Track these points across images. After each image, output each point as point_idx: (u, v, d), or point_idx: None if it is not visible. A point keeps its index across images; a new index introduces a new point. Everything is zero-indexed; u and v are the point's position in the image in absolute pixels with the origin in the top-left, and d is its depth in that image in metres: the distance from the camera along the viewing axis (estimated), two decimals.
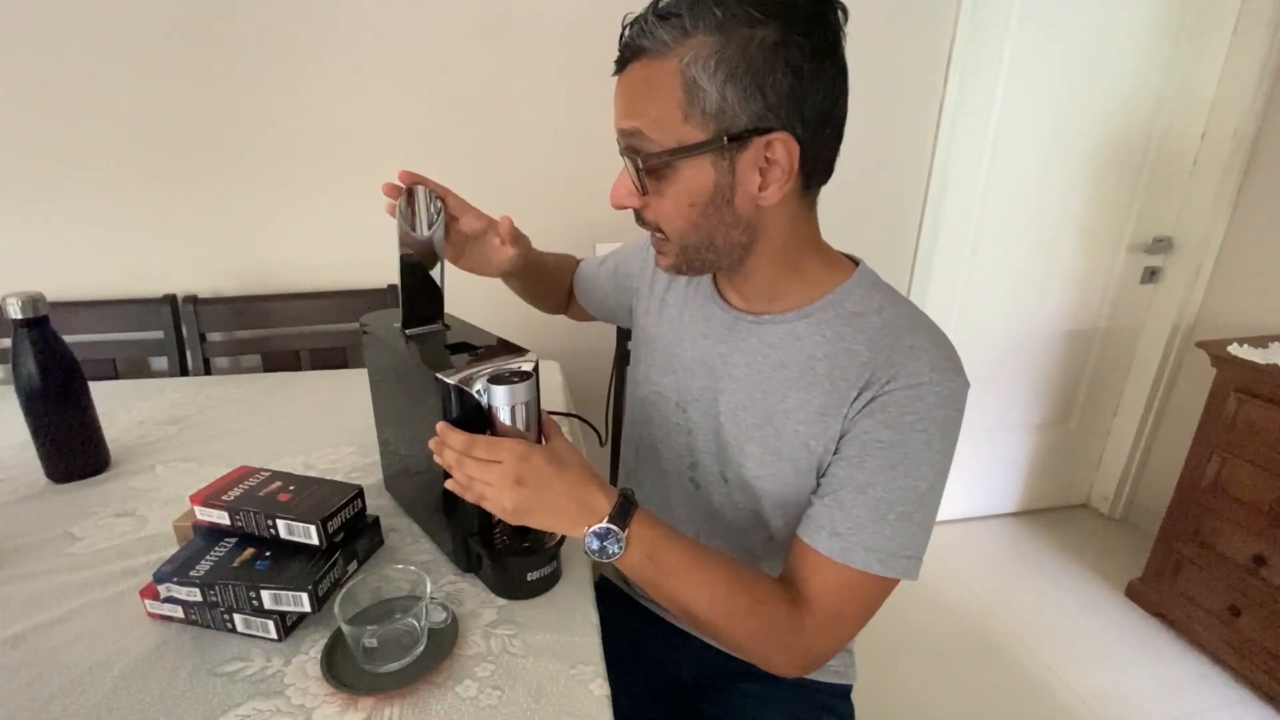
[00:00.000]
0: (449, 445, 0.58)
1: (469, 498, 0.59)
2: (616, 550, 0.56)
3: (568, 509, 0.57)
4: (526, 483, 0.56)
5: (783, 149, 0.53)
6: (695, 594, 0.58)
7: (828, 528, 0.58)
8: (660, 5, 0.53)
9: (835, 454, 0.61)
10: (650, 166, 0.56)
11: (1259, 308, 1.66)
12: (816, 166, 0.57)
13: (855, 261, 0.67)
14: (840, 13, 0.53)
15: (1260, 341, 1.45)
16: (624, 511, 0.57)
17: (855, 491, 0.58)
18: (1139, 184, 1.78)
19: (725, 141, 0.53)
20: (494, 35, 1.34)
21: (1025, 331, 1.88)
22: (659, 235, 0.62)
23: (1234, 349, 1.42)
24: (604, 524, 0.56)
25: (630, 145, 0.57)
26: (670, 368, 0.74)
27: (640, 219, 0.63)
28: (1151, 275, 1.87)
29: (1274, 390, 1.34)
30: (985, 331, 1.84)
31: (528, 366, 0.62)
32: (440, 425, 0.59)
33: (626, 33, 0.55)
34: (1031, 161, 1.69)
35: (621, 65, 0.57)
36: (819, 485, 0.63)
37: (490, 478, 0.56)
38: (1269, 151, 1.63)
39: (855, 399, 0.59)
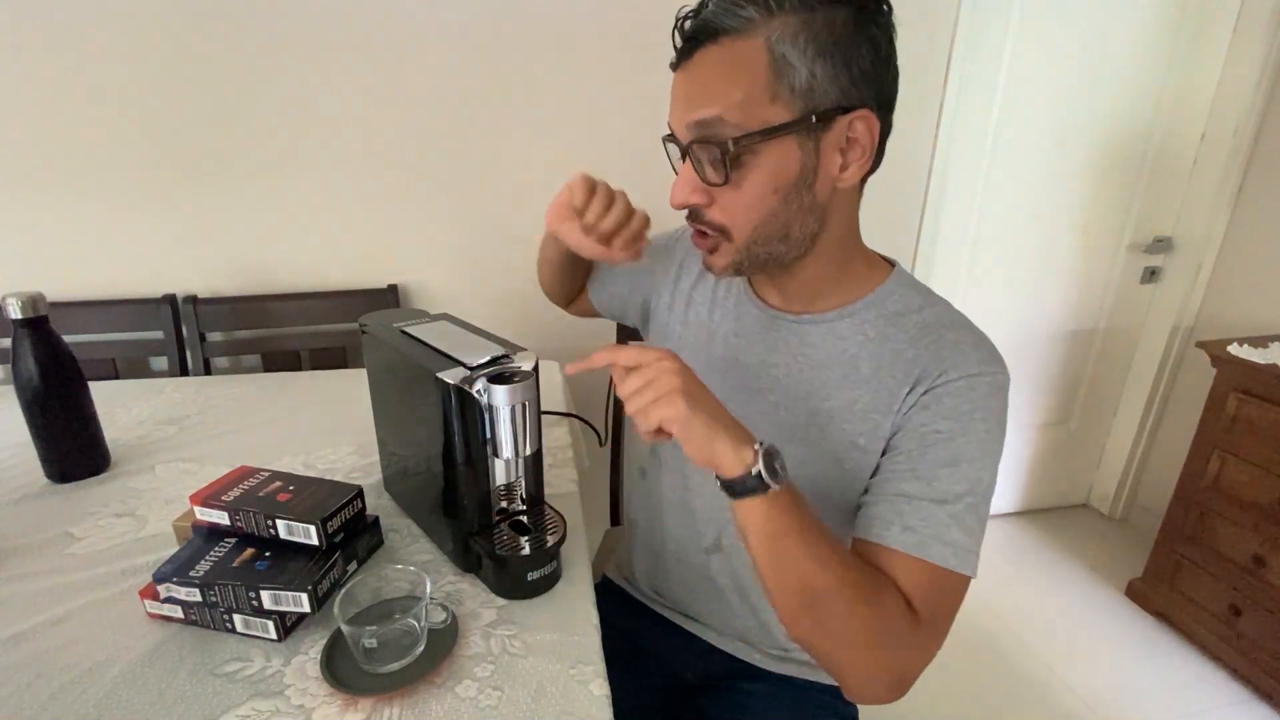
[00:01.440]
0: (619, 363, 0.55)
1: (643, 406, 0.53)
2: (784, 475, 0.52)
3: (730, 421, 0.53)
4: (694, 393, 0.52)
5: (864, 126, 0.53)
6: (824, 559, 0.52)
7: (898, 523, 0.55)
8: None
9: (892, 451, 0.60)
10: (736, 152, 0.53)
11: (1259, 308, 1.66)
12: (879, 152, 0.57)
13: (891, 263, 0.67)
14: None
15: (1260, 341, 1.45)
16: (771, 452, 0.52)
17: (921, 485, 0.56)
18: (1139, 184, 1.78)
19: (813, 120, 0.52)
20: (497, 34, 1.33)
21: (1025, 331, 1.88)
22: (715, 235, 0.59)
23: (1234, 349, 1.42)
24: (768, 444, 0.52)
25: (706, 136, 0.54)
26: (698, 368, 0.73)
27: (698, 217, 0.59)
28: (1151, 275, 1.87)
29: (1274, 390, 1.34)
30: (985, 331, 1.84)
31: (528, 366, 0.62)
32: (606, 350, 0.55)
33: (692, 16, 0.54)
34: (1031, 161, 1.69)
35: (689, 53, 0.54)
36: (872, 485, 0.60)
37: (660, 374, 0.52)
38: (1269, 151, 1.63)
39: (906, 395, 0.59)
